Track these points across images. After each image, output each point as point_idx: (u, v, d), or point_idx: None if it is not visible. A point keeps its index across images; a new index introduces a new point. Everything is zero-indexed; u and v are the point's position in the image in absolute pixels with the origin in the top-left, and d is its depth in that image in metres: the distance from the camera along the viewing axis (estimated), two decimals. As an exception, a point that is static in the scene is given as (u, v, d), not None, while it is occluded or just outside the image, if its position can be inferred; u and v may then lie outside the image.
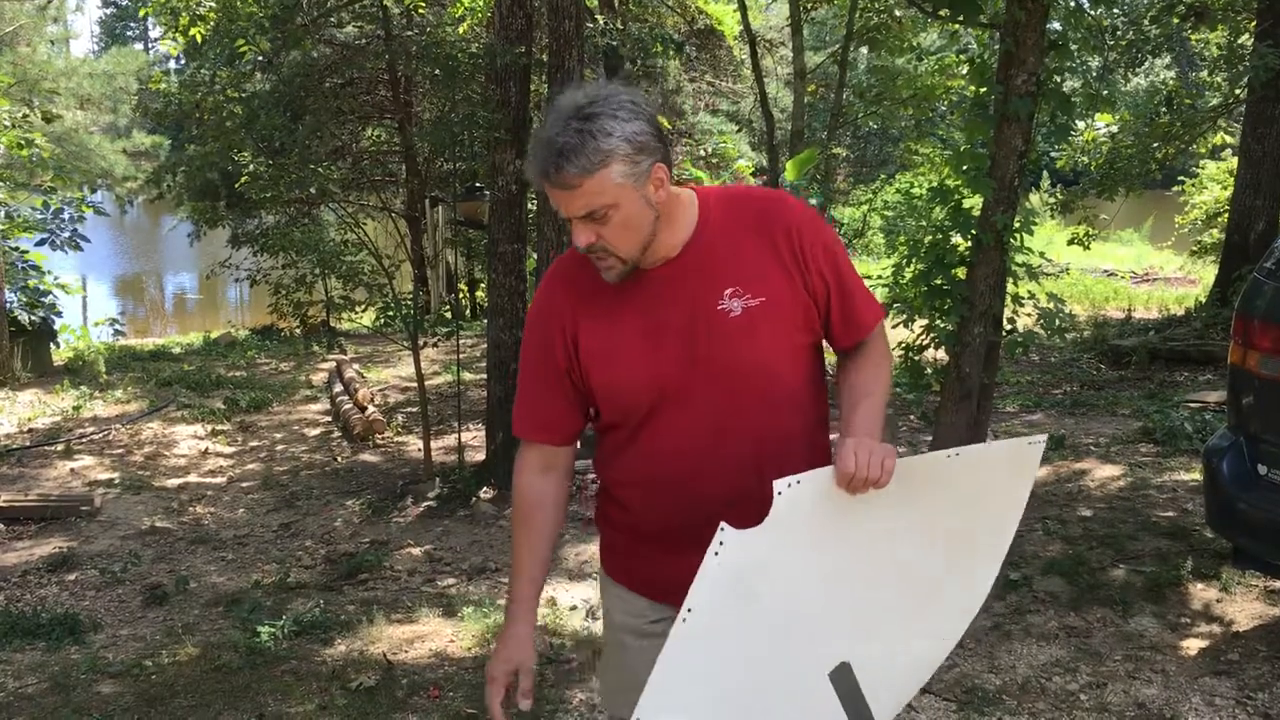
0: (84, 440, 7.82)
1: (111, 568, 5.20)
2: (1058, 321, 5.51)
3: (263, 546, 5.65)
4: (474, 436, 7.33)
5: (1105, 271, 17.71)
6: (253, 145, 6.93)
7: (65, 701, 3.69)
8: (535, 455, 2.02)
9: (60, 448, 7.56)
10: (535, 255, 6.47)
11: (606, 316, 1.91)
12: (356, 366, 10.40)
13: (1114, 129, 12.87)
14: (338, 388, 9.24)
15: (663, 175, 1.81)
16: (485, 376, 6.84)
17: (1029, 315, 5.80)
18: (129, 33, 53.78)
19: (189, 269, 23.26)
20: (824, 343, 2.00)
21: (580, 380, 1.95)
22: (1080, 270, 16.61)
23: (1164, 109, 12.43)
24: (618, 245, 1.81)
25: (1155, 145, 12.25)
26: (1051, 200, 14.15)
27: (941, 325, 5.24)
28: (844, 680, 1.82)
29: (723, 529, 1.70)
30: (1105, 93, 11.93)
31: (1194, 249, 16.47)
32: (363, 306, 7.40)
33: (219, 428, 8.31)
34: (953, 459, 1.85)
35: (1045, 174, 19.03)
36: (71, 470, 7.05)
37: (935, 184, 5.61)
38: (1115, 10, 11.31)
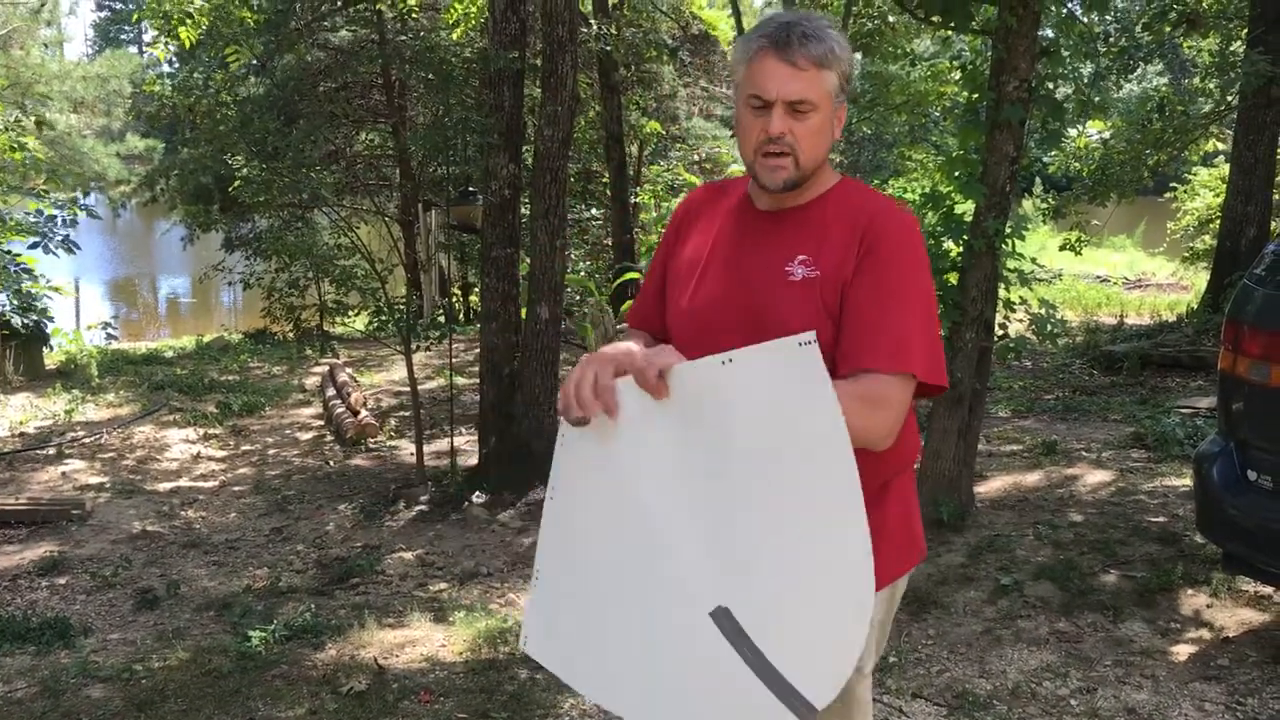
0: (75, 444, 7.80)
1: (102, 572, 5.19)
2: (1049, 327, 5.54)
3: (254, 550, 5.64)
4: (466, 441, 7.33)
5: (1098, 277, 17.74)
6: (246, 149, 6.92)
7: (54, 706, 3.68)
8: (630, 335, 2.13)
9: (52, 451, 7.54)
10: (528, 260, 6.47)
11: (708, 239, 1.99)
12: (349, 370, 10.38)
13: (1106, 135, 12.91)
14: (330, 391, 9.22)
15: (842, 117, 1.89)
16: (478, 381, 6.84)
17: (1021, 320, 5.82)
18: (123, 36, 53.72)
19: (182, 273, 23.21)
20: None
21: (664, 283, 2.06)
22: (1072, 276, 16.64)
23: (1156, 116, 12.47)
24: (803, 146, 1.83)
25: (1148, 151, 12.29)
26: (1044, 206, 14.19)
27: (933, 330, 5.25)
28: (726, 622, 1.71)
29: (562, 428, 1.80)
30: (1097, 99, 11.96)
31: (1186, 255, 16.52)
32: (356, 311, 7.40)
33: (211, 431, 8.30)
34: (728, 365, 1.69)
35: (1037, 179, 19.09)
36: (63, 474, 7.04)
37: (928, 189, 5.64)
38: (1107, 17, 11.34)
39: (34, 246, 11.36)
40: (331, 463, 7.45)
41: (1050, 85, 5.19)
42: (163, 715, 3.59)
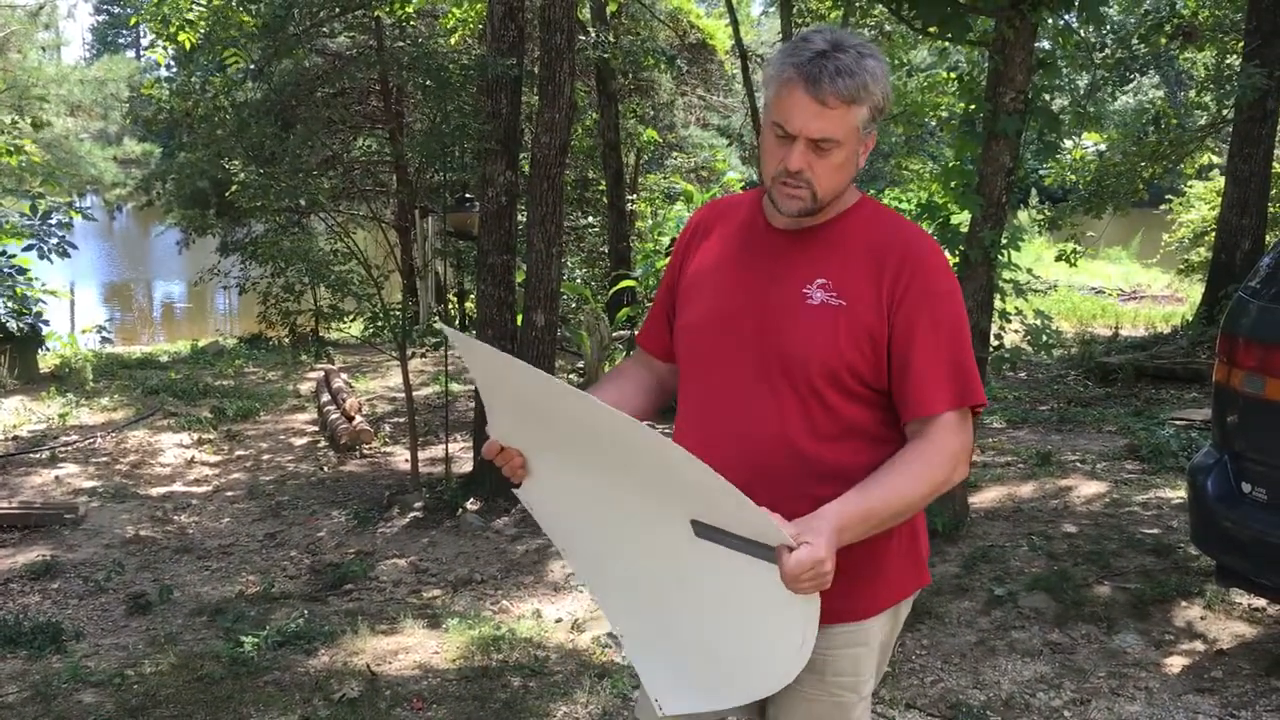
0: (69, 448, 7.78)
1: (95, 576, 5.17)
2: (1045, 338, 5.55)
3: (247, 556, 5.62)
4: (461, 448, 7.32)
5: (1093, 289, 17.78)
6: (243, 154, 6.91)
7: (46, 710, 3.66)
8: (636, 355, 2.15)
9: (45, 455, 7.52)
10: (524, 267, 6.46)
11: (718, 255, 1.96)
12: (344, 376, 10.37)
13: (1102, 147, 12.95)
14: (325, 397, 9.21)
15: (870, 144, 1.84)
16: (473, 388, 6.83)
17: (1016, 331, 5.84)
18: (121, 40, 53.72)
19: (178, 277, 23.18)
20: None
21: (674, 302, 2.03)
22: (1068, 287, 16.68)
23: (1152, 128, 12.52)
24: (821, 181, 1.79)
25: (1143, 164, 12.33)
26: (1039, 217, 14.24)
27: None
28: (706, 529, 1.71)
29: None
30: (1093, 111, 12.01)
31: (1181, 267, 16.57)
32: (351, 316, 7.38)
33: (205, 436, 8.28)
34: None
35: (1033, 191, 19.15)
36: (56, 478, 7.02)
37: (924, 200, 5.65)
38: (1104, 29, 11.38)
39: (29, 249, 11.33)
40: (325, 468, 7.43)
41: (1046, 97, 5.20)
42: (154, 721, 3.58)
